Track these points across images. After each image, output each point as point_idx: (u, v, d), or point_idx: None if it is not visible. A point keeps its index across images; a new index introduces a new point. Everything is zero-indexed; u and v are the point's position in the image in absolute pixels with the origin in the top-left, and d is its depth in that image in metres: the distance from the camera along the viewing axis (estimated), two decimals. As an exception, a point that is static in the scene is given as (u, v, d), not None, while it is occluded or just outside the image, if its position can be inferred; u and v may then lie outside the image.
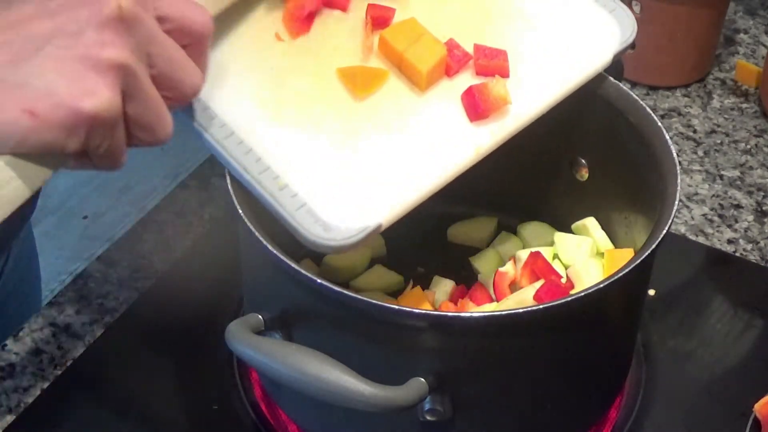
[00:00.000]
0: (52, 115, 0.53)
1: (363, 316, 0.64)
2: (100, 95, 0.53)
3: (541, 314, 0.62)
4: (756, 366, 0.83)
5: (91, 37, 0.54)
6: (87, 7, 0.54)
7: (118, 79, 0.54)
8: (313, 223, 0.64)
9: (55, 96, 0.53)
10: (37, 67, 0.53)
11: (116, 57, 0.54)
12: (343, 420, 0.70)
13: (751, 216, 0.96)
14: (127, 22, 0.54)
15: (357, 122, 0.68)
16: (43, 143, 0.53)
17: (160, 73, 0.57)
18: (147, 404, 0.80)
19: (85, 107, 0.53)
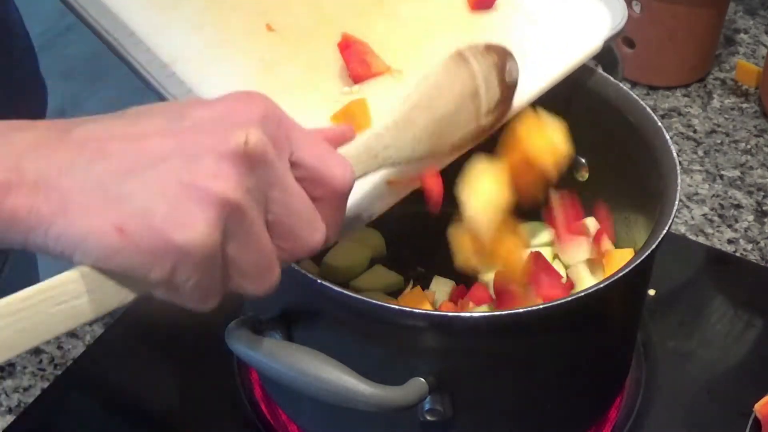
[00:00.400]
0: (140, 237, 0.49)
1: (363, 316, 0.64)
2: (196, 229, 0.49)
3: (541, 314, 0.62)
4: (756, 366, 0.83)
5: (207, 166, 0.50)
6: (214, 135, 0.51)
7: (222, 216, 0.50)
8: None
9: (149, 218, 0.49)
10: (141, 185, 0.49)
11: (226, 193, 0.49)
12: (343, 420, 0.70)
13: (751, 216, 0.96)
14: (250, 158, 0.50)
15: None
16: (127, 264, 0.50)
17: (276, 220, 0.53)
18: (147, 404, 0.80)
19: (176, 238, 0.49)
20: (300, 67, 0.69)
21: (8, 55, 0.90)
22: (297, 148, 0.53)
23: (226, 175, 0.50)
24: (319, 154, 0.54)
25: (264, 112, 0.52)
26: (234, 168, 0.50)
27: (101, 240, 0.49)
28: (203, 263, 0.50)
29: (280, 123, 0.53)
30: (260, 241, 0.52)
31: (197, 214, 0.49)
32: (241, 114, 0.52)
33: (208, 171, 0.49)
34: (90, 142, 0.50)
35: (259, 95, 0.53)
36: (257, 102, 0.53)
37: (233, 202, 0.50)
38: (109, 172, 0.50)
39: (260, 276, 0.53)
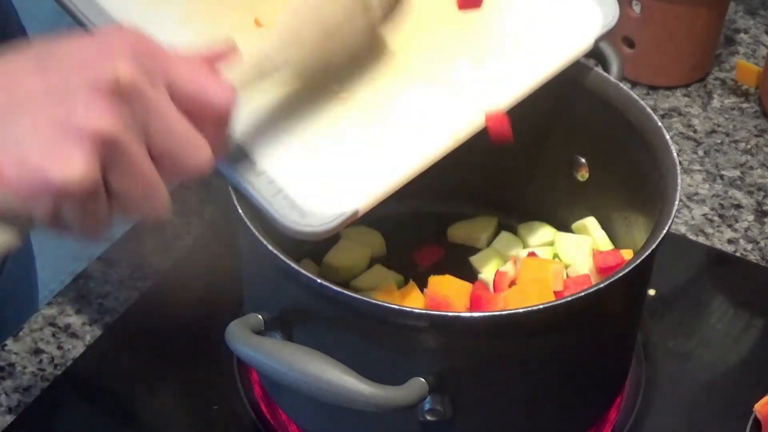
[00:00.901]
0: (17, 179, 0.49)
1: (363, 316, 0.64)
2: (73, 166, 0.49)
3: (541, 314, 0.62)
4: (756, 366, 0.83)
5: (79, 102, 0.50)
6: (84, 70, 0.51)
7: (98, 149, 0.50)
8: (289, 210, 0.64)
9: (24, 159, 0.49)
10: (14, 125, 0.49)
11: (100, 126, 0.50)
12: (343, 420, 0.70)
13: (751, 216, 0.96)
14: (123, 91, 0.51)
15: (334, 111, 0.68)
16: (7, 206, 0.50)
17: (157, 147, 0.53)
18: (147, 404, 0.80)
19: (53, 176, 0.49)
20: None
21: None
22: (173, 77, 0.54)
23: (98, 110, 0.50)
24: (195, 80, 0.55)
25: (134, 44, 0.53)
26: (106, 101, 0.50)
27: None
28: (84, 198, 0.51)
29: (152, 54, 0.53)
30: (142, 169, 0.53)
31: (72, 151, 0.49)
32: (111, 48, 0.52)
33: (80, 107, 0.50)
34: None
35: (130, 29, 0.54)
36: (126, 35, 0.53)
37: (108, 136, 0.50)
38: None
39: (147, 202, 0.54)
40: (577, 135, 0.78)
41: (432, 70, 0.70)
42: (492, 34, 0.71)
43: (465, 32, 0.72)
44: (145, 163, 0.53)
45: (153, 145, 0.53)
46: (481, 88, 0.70)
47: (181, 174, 0.55)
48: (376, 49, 0.68)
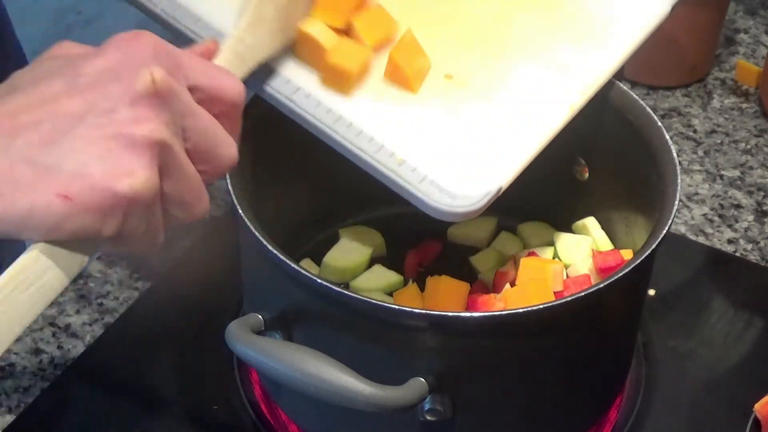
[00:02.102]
0: (87, 198, 0.50)
1: (363, 316, 0.64)
2: (137, 175, 0.50)
3: (541, 314, 0.62)
4: (756, 366, 0.83)
5: (124, 114, 0.51)
6: (119, 82, 0.52)
7: (154, 156, 0.51)
8: (439, 194, 0.66)
9: (89, 178, 0.50)
10: (69, 148, 0.50)
11: (152, 133, 0.51)
12: (343, 420, 0.70)
13: (751, 216, 0.96)
14: (161, 95, 0.52)
15: (453, 95, 0.70)
16: (79, 228, 0.50)
17: (195, 146, 0.54)
18: (147, 404, 0.80)
19: (121, 189, 0.50)
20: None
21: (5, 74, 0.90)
22: (189, 74, 0.55)
23: (145, 117, 0.51)
24: (208, 74, 0.56)
25: (153, 46, 0.54)
26: (149, 108, 0.51)
27: (49, 211, 0.50)
28: (150, 206, 0.52)
29: (169, 54, 0.54)
30: (188, 170, 0.54)
31: (133, 160, 0.50)
32: (135, 55, 0.53)
33: (128, 117, 0.51)
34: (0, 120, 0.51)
35: (142, 33, 0.54)
36: (145, 40, 0.54)
37: (160, 140, 0.51)
38: (31, 145, 0.50)
39: (194, 203, 0.55)
40: (577, 135, 0.78)
41: (532, 49, 0.73)
42: (577, 11, 0.74)
43: (554, 11, 0.75)
44: (189, 163, 0.54)
45: (190, 144, 0.54)
46: (583, 62, 0.72)
47: (217, 170, 0.56)
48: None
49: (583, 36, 0.74)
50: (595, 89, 0.72)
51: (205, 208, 0.56)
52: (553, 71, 0.72)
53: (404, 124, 0.68)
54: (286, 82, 0.69)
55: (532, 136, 0.69)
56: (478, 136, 0.69)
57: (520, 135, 0.69)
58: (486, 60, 0.72)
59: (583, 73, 0.72)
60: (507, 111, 0.70)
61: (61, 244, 0.52)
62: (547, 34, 0.74)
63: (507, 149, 0.68)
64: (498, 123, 0.69)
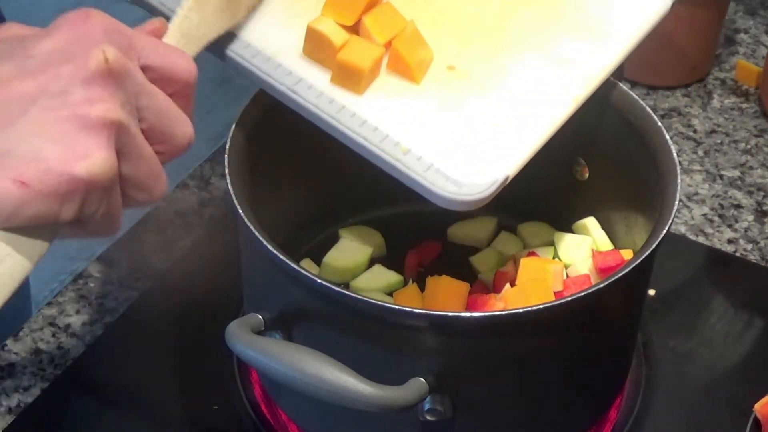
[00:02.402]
0: (43, 183, 0.49)
1: (363, 316, 0.64)
2: (94, 157, 0.49)
3: (541, 314, 0.62)
4: (756, 366, 0.83)
5: (78, 95, 0.50)
6: (71, 63, 0.50)
7: (111, 137, 0.50)
8: (445, 182, 0.66)
9: (44, 162, 0.49)
10: (22, 132, 0.49)
11: (107, 114, 0.50)
12: (343, 420, 0.70)
13: (751, 216, 0.96)
14: (115, 75, 0.51)
15: (456, 86, 0.70)
16: (37, 214, 0.49)
17: (150, 126, 0.54)
18: (147, 404, 0.80)
19: (78, 172, 0.49)
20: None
21: None
22: (141, 53, 0.54)
23: (100, 97, 0.50)
24: (160, 53, 0.55)
25: (105, 26, 0.53)
26: (104, 88, 0.50)
27: (4, 197, 0.48)
28: (108, 189, 0.51)
29: (120, 33, 0.53)
30: (145, 150, 0.53)
31: (90, 142, 0.49)
32: (87, 34, 0.52)
33: (81, 98, 0.50)
34: None
35: (92, 11, 0.53)
36: (96, 19, 0.53)
37: (116, 121, 0.50)
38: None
39: (153, 184, 0.54)
40: (577, 135, 0.78)
41: (534, 43, 0.73)
42: (578, 7, 0.75)
43: (553, 8, 0.75)
44: (146, 143, 0.53)
45: (146, 124, 0.53)
46: (585, 56, 0.73)
47: (173, 150, 0.56)
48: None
49: (584, 31, 0.74)
50: (598, 82, 0.72)
51: (163, 189, 0.55)
52: (555, 64, 0.72)
53: (408, 114, 0.68)
54: (288, 74, 0.69)
55: (537, 126, 0.69)
56: (482, 126, 0.69)
57: (525, 126, 0.69)
58: (488, 53, 0.72)
59: (585, 66, 0.72)
60: (511, 102, 0.70)
61: (19, 230, 0.51)
62: (548, 29, 0.74)
63: (512, 139, 0.68)
64: (502, 114, 0.69)
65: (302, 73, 0.69)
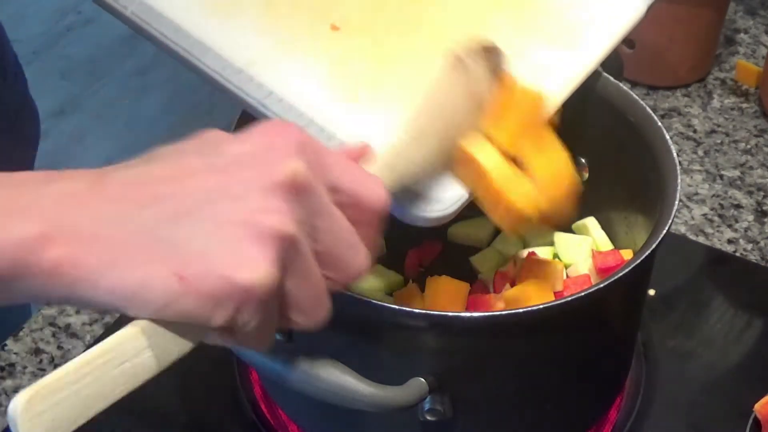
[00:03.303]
0: (202, 282, 0.47)
1: (363, 316, 0.64)
2: (258, 267, 0.47)
3: (541, 314, 0.62)
4: (756, 366, 0.83)
5: (256, 201, 0.48)
6: (257, 169, 0.49)
7: (280, 251, 0.48)
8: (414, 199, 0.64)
9: (208, 262, 0.47)
10: (194, 228, 0.47)
11: (281, 226, 0.48)
12: (343, 420, 0.70)
13: (751, 216, 0.96)
14: (297, 189, 0.49)
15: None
16: (189, 312, 0.47)
17: (324, 249, 0.51)
18: (147, 404, 0.80)
19: (239, 279, 0.47)
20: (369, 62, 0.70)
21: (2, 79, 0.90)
22: (332, 173, 0.52)
23: (277, 209, 0.48)
24: (353, 177, 0.53)
25: (299, 140, 0.51)
26: (283, 201, 0.48)
27: (161, 288, 0.47)
28: (266, 303, 0.48)
29: (314, 150, 0.51)
30: (314, 273, 0.51)
31: (257, 252, 0.47)
32: (279, 145, 0.50)
33: (259, 206, 0.48)
34: (130, 187, 0.48)
35: (291, 124, 0.52)
36: (292, 131, 0.51)
37: (288, 236, 0.48)
38: (158, 218, 0.47)
39: (314, 309, 0.52)
40: (577, 135, 0.78)
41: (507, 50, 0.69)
42: (550, 12, 0.73)
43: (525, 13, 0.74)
44: (316, 265, 0.51)
45: (320, 246, 0.51)
46: (557, 62, 0.71)
47: (341, 279, 0.53)
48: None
49: (557, 36, 0.73)
50: (571, 90, 0.70)
51: (324, 316, 0.52)
52: (526, 72, 0.69)
53: (379, 127, 0.66)
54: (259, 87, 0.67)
55: None
56: None
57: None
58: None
59: (558, 73, 0.70)
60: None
61: (166, 325, 0.49)
62: (519, 35, 0.72)
63: None
64: None
65: (273, 86, 0.67)
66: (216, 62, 0.67)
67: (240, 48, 0.68)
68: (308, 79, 0.68)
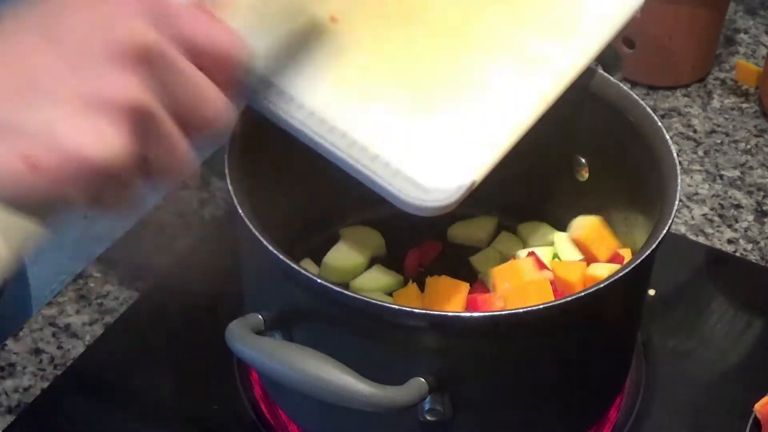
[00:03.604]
0: (53, 165, 0.45)
1: (363, 316, 0.64)
2: (110, 142, 0.46)
3: (541, 314, 0.62)
4: (756, 366, 0.83)
5: (102, 73, 0.46)
6: (100, 35, 0.47)
7: (132, 120, 0.47)
8: (412, 188, 0.64)
9: (56, 140, 0.45)
10: (38, 107, 0.46)
11: (128, 95, 0.47)
12: (343, 420, 0.70)
13: (751, 216, 0.96)
14: (144, 52, 0.47)
15: (424, 88, 0.69)
16: (45, 197, 0.46)
17: (180, 107, 0.50)
18: (147, 404, 0.80)
19: (91, 156, 0.46)
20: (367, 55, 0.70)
21: None
22: (179, 25, 0.50)
23: (125, 78, 0.47)
24: (203, 30, 0.51)
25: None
26: (129, 67, 0.47)
27: (9, 173, 0.45)
28: (122, 173, 0.47)
29: (159, 6, 0.50)
30: (171, 133, 0.50)
31: (107, 125, 0.46)
32: (122, 5, 0.49)
33: (106, 78, 0.46)
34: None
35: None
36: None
37: (140, 104, 0.47)
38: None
39: (177, 168, 0.51)
40: (577, 135, 0.78)
41: (502, 43, 0.72)
42: (547, 5, 0.73)
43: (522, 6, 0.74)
44: (173, 126, 0.50)
45: (174, 103, 0.50)
46: (555, 54, 0.71)
47: (203, 130, 0.52)
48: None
49: (554, 29, 0.72)
50: (569, 81, 0.71)
51: (189, 172, 0.52)
52: (524, 64, 0.71)
53: (377, 118, 0.67)
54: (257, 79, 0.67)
55: (505, 129, 0.68)
56: (450, 130, 0.68)
57: (493, 129, 0.68)
58: (454, 53, 0.71)
59: (556, 65, 0.71)
60: (479, 105, 0.69)
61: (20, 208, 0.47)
62: (517, 28, 0.72)
63: (480, 143, 0.67)
64: (470, 116, 0.68)
65: (274, 77, 0.67)
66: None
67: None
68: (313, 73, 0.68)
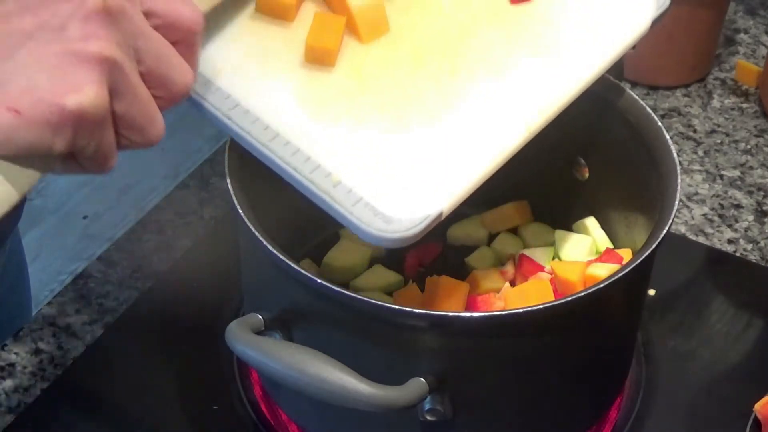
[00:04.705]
0: (35, 112, 0.51)
1: (363, 316, 0.64)
2: (86, 91, 0.51)
3: (541, 314, 0.62)
4: (756, 366, 0.83)
5: (74, 31, 0.52)
6: (69, 1, 0.52)
7: (104, 74, 0.52)
8: (372, 217, 0.62)
9: (38, 92, 0.51)
10: (18, 65, 0.51)
11: (102, 50, 0.52)
12: (343, 420, 0.70)
13: (751, 216, 0.96)
14: (112, 14, 0.53)
15: (400, 112, 0.66)
16: (29, 143, 0.51)
17: (148, 69, 0.55)
18: (147, 404, 0.80)
19: (69, 103, 0.51)
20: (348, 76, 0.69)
21: None
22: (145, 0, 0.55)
23: (95, 35, 0.52)
24: (165, 1, 0.56)
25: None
26: (100, 26, 0.52)
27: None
28: (99, 124, 0.52)
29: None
30: (140, 91, 0.55)
31: (82, 77, 0.51)
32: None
33: (78, 35, 0.52)
34: None
35: None
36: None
37: (111, 58, 0.52)
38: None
39: (147, 126, 0.56)
40: (577, 135, 0.78)
41: (492, 66, 0.69)
42: (547, 26, 0.71)
43: (520, 26, 0.71)
44: (141, 84, 0.55)
45: (143, 67, 0.55)
46: (546, 80, 0.69)
47: (170, 96, 0.57)
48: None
49: (548, 54, 0.70)
50: (557, 110, 0.68)
51: (158, 133, 0.56)
52: (511, 90, 0.68)
53: (346, 141, 0.65)
54: (226, 98, 0.65)
55: (483, 157, 0.65)
56: (423, 155, 0.65)
57: (470, 156, 0.65)
58: (440, 76, 0.68)
59: (543, 92, 0.68)
60: (458, 131, 0.66)
61: (10, 159, 0.52)
62: (509, 50, 0.70)
63: (454, 171, 0.64)
64: (447, 143, 0.65)
65: (238, 96, 0.66)
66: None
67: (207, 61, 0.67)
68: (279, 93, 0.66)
